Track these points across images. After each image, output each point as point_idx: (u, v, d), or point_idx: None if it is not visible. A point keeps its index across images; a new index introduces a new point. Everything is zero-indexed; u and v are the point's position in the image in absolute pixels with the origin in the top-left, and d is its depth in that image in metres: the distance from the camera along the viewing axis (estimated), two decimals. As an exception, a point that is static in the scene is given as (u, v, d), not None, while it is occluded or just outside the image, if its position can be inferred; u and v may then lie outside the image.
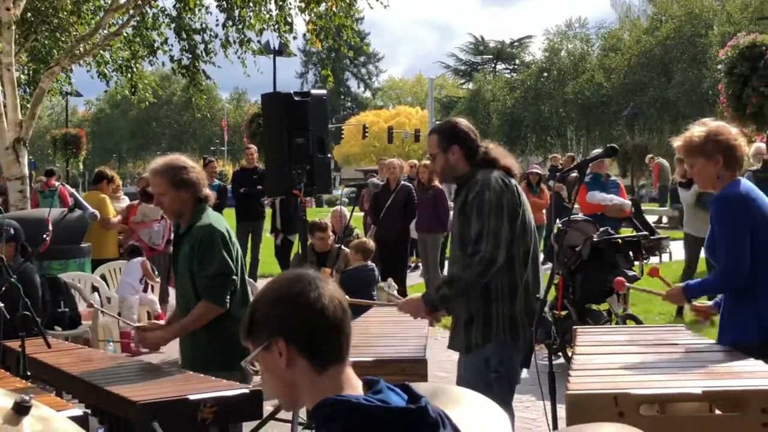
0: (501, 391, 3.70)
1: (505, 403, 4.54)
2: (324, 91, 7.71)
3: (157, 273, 11.46)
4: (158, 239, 12.03)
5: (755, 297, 4.59)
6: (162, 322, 6.25)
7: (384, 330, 5.86)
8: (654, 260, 16.21)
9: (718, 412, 3.96)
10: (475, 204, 4.76)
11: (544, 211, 16.32)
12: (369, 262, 9.72)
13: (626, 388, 3.73)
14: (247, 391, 4.31)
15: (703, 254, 11.74)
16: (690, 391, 3.73)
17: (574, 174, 17.05)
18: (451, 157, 4.97)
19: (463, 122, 5.11)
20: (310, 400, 2.36)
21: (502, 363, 4.82)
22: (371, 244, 10.27)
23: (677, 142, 4.85)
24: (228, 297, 5.03)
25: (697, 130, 4.76)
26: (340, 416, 2.27)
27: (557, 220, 15.90)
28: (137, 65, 16.82)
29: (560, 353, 9.22)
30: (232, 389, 4.31)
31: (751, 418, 3.60)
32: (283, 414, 6.99)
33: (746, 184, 4.76)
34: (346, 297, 2.45)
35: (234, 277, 5.07)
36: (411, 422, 2.29)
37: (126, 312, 10.27)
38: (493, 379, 4.73)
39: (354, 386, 2.37)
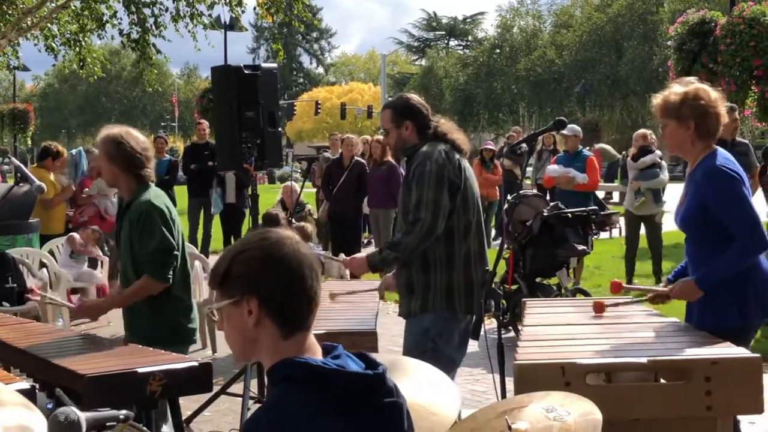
0: (434, 362, 3.75)
1: None
2: (275, 65, 7.69)
3: (107, 248, 11.36)
4: (113, 212, 11.88)
5: (735, 281, 4.41)
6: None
7: (334, 303, 5.87)
8: (604, 235, 16.40)
9: (662, 381, 4.03)
10: (417, 174, 4.89)
11: (497, 186, 16.39)
12: (310, 244, 9.73)
13: (573, 358, 3.77)
14: (196, 364, 4.31)
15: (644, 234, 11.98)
16: (635, 361, 3.78)
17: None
18: (404, 132, 5.08)
19: (416, 98, 5.22)
20: (269, 360, 2.37)
21: (441, 335, 4.95)
22: (310, 228, 10.27)
23: (656, 99, 4.60)
24: (171, 273, 5.00)
25: (677, 90, 4.52)
26: (297, 377, 2.29)
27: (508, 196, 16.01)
28: (85, 39, 16.61)
29: (510, 327, 9.30)
30: (181, 362, 4.31)
31: (695, 386, 3.66)
32: (234, 388, 7.01)
33: (727, 154, 4.57)
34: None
35: (175, 252, 5.03)
36: (368, 387, 2.31)
37: (63, 285, 10.17)
38: (429, 348, 4.84)
39: (314, 352, 2.38)
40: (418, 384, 3.31)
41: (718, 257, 4.42)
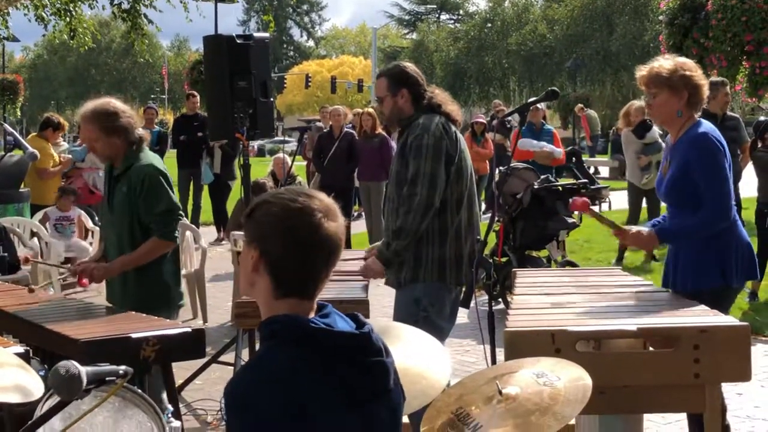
0: (426, 331, 3.78)
1: None
2: (267, 34, 7.67)
3: (97, 218, 11.36)
4: (102, 186, 11.87)
5: (717, 242, 4.56)
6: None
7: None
8: (593, 209, 16.43)
9: (651, 349, 4.06)
10: (414, 146, 4.87)
11: (487, 160, 16.40)
12: None
13: (563, 326, 3.79)
14: (189, 329, 4.34)
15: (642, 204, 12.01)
16: (625, 328, 3.81)
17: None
18: (400, 100, 5.05)
19: (411, 66, 5.20)
20: (263, 312, 2.41)
21: (432, 305, 4.96)
22: None
23: (641, 72, 4.69)
24: (176, 233, 5.10)
25: (665, 62, 4.63)
26: (284, 334, 2.31)
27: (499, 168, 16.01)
28: (76, 9, 16.50)
29: (500, 299, 9.34)
30: (175, 328, 4.33)
31: (683, 353, 3.69)
32: (226, 357, 7.05)
33: (711, 125, 4.69)
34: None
35: (180, 212, 5.15)
36: (354, 346, 2.34)
37: (54, 255, 10.19)
38: (421, 318, 4.84)
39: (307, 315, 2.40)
40: (409, 349, 3.34)
41: (686, 219, 4.62)
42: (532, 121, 12.24)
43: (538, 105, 11.79)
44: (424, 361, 3.31)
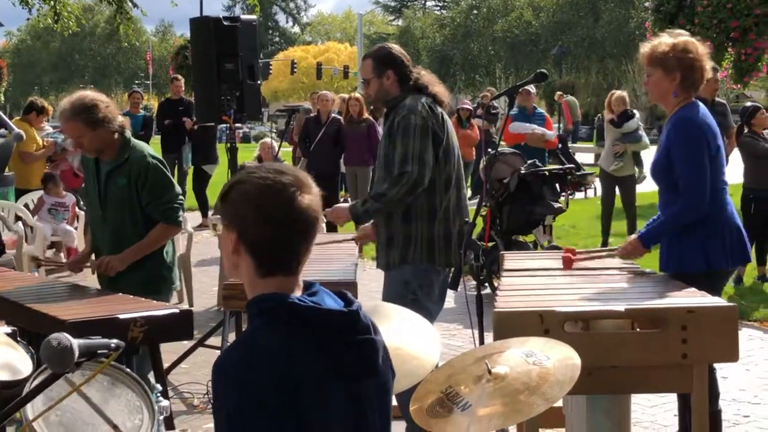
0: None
1: None
2: (254, 17, 7.65)
3: (82, 203, 11.32)
4: None
5: (701, 228, 4.56)
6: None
7: (313, 254, 5.88)
8: (579, 195, 16.51)
9: (639, 329, 4.07)
10: (401, 127, 4.86)
11: (473, 147, 16.40)
12: None
13: (551, 306, 3.80)
14: (177, 311, 4.34)
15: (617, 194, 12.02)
16: (613, 309, 3.83)
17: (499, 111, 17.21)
18: (386, 82, 5.04)
19: (397, 48, 5.20)
20: (249, 292, 2.39)
21: (421, 287, 4.98)
22: None
23: (644, 48, 4.67)
24: (181, 216, 5.23)
25: (666, 40, 4.59)
26: (271, 313, 2.30)
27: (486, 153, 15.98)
28: (61, -7, 16.40)
29: (487, 284, 9.35)
30: (163, 309, 4.33)
31: (671, 334, 3.70)
32: (212, 341, 7.04)
33: (703, 108, 4.68)
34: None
35: (182, 196, 5.23)
36: (342, 324, 2.33)
37: (39, 239, 10.17)
38: (409, 301, 4.81)
39: (293, 292, 2.38)
40: (399, 328, 3.34)
41: (661, 218, 4.65)
42: (525, 105, 12.21)
43: (530, 89, 11.81)
44: (413, 341, 3.31)
